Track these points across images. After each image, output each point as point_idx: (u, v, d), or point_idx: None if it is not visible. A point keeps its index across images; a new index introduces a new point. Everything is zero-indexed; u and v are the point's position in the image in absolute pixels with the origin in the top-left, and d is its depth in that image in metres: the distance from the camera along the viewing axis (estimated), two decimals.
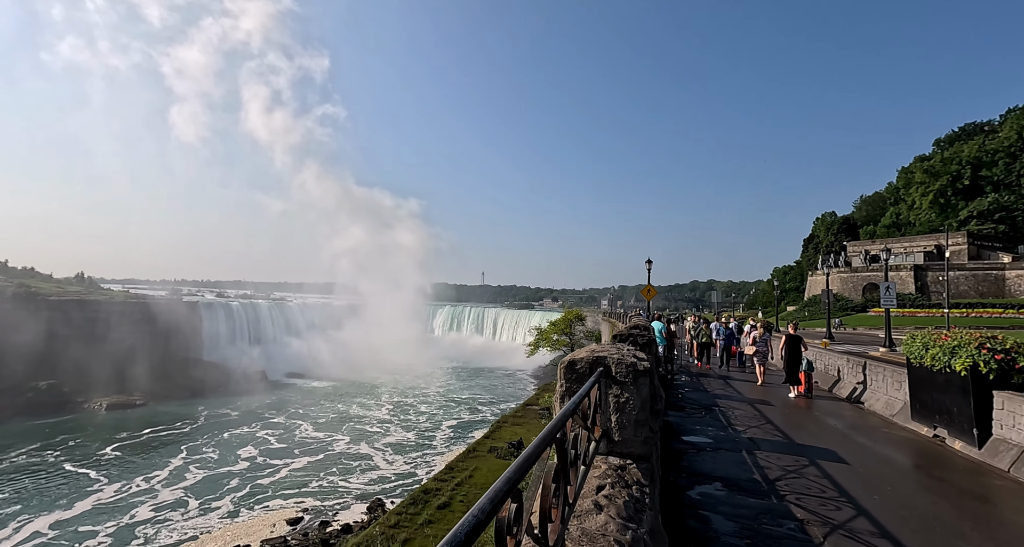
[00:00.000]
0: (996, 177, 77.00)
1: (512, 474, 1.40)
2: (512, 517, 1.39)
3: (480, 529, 1.08)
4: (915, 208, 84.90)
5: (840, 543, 4.22)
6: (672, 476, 5.86)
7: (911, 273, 70.77)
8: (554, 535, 1.95)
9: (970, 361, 7.32)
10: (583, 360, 3.96)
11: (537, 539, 1.72)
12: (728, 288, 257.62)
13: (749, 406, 10.50)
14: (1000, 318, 53.21)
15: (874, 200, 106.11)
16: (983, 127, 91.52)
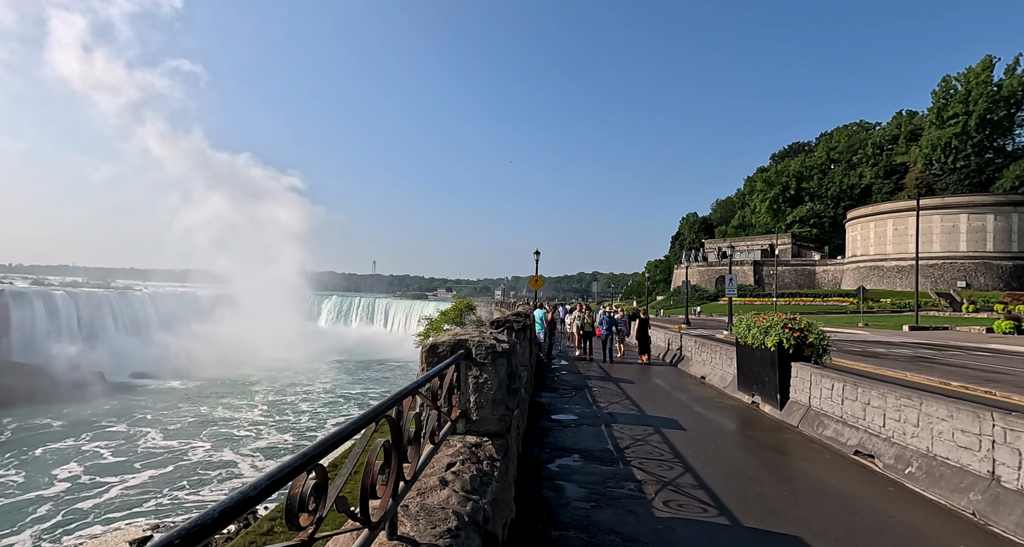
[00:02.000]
0: (812, 189, 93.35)
1: (311, 449, 1.38)
2: (307, 493, 1.38)
3: (246, 507, 1.03)
4: (756, 212, 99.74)
5: (667, 496, 4.88)
6: (536, 451, 6.25)
7: (751, 267, 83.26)
8: (380, 512, 1.97)
9: (777, 339, 8.88)
10: (445, 343, 4.02)
11: (353, 515, 1.72)
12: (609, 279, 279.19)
13: (614, 385, 11.57)
14: (811, 304, 65.12)
15: (727, 203, 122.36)
16: (804, 147, 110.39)
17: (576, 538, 3.97)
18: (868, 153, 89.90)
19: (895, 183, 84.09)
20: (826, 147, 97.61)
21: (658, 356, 18.67)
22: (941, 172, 76.12)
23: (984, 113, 69.94)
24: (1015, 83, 69.26)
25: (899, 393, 6.11)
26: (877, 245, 71.09)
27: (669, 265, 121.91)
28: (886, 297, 61.38)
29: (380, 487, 2.03)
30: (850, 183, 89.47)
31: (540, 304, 18.42)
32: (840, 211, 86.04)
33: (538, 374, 12.92)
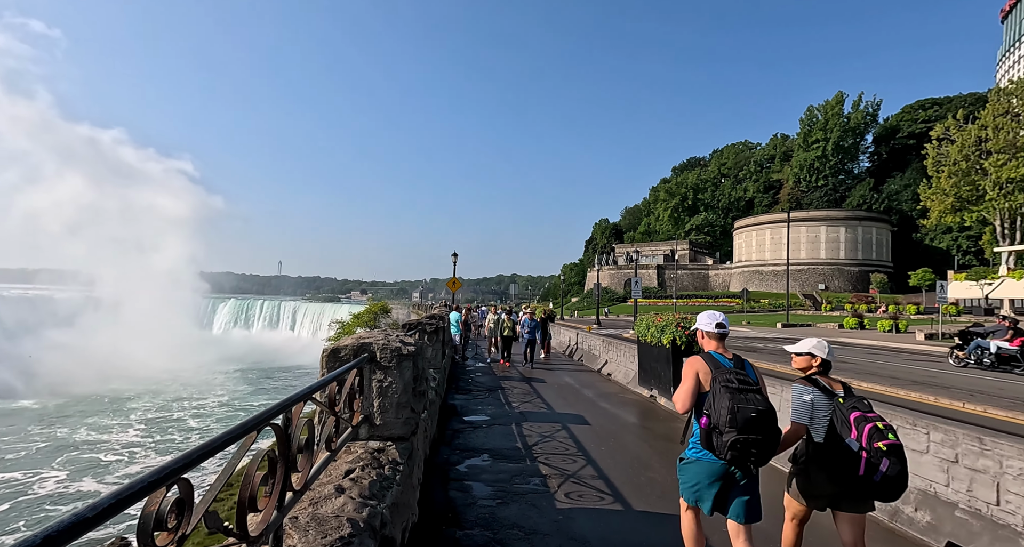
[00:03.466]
0: (707, 200, 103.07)
1: (171, 462, 1.29)
2: (167, 509, 1.28)
3: (80, 531, 0.93)
4: (660, 220, 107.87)
5: (569, 488, 5.13)
6: (446, 453, 6.24)
7: (655, 271, 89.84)
8: (261, 525, 1.87)
9: (671, 337, 9.71)
10: (347, 347, 3.89)
11: (227, 531, 1.62)
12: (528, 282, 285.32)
13: (527, 384, 11.88)
14: (705, 305, 71.70)
15: (635, 211, 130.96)
16: (700, 162, 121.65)
17: (480, 536, 4.04)
18: (751, 170, 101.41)
19: (772, 197, 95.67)
20: (718, 163, 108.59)
21: (567, 354, 19.52)
22: (807, 189, 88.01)
23: (838, 140, 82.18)
24: (859, 117, 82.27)
25: (768, 382, 6.97)
26: (758, 252, 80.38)
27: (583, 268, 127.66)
28: (765, 298, 69.56)
29: (262, 499, 1.93)
30: (737, 196, 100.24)
31: (456, 306, 18.30)
32: (729, 221, 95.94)
33: (452, 377, 12.87)
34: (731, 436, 2.75)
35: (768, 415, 2.79)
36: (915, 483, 4.47)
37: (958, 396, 10.29)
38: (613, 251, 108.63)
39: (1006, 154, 46.16)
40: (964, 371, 14.52)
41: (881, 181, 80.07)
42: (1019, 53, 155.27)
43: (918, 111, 79.77)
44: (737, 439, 2.73)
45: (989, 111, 48.67)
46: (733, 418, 2.76)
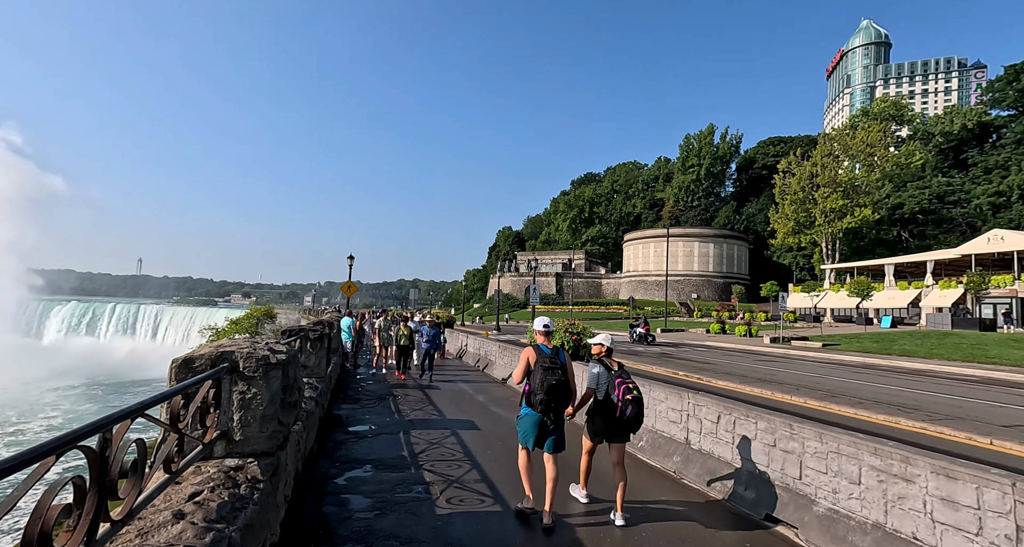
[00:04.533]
0: (601, 213, 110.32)
1: None
2: None
3: None
4: (559, 230, 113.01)
5: (452, 493, 5.14)
6: (325, 466, 5.90)
7: (554, 279, 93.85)
8: None
9: (560, 342, 10.25)
10: (204, 356, 3.52)
11: None
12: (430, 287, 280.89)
13: (419, 391, 11.67)
14: (597, 311, 76.59)
15: (537, 220, 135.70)
16: (596, 177, 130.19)
17: None
18: (639, 188, 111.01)
19: (656, 214, 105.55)
20: (611, 180, 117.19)
21: (458, 356, 19.61)
22: (685, 208, 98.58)
23: (709, 167, 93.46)
24: (726, 147, 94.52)
25: (638, 382, 7.66)
26: (643, 263, 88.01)
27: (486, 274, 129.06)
28: (649, 306, 76.26)
29: (64, 534, 1.68)
30: (627, 211, 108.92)
31: (349, 311, 17.38)
32: (620, 233, 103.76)
33: (340, 386, 12.21)
34: (541, 396, 4.42)
35: (563, 384, 4.50)
36: (745, 466, 5.23)
37: (787, 390, 12.21)
38: (515, 258, 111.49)
39: (829, 188, 56.20)
40: (795, 369, 17.27)
41: (742, 204, 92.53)
42: (839, 105, 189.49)
43: (769, 147, 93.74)
44: (544, 398, 4.42)
45: (818, 151, 58.94)
46: (542, 385, 4.43)
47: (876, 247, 63.66)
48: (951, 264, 40.76)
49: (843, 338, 28.71)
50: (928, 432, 8.06)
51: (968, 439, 7.56)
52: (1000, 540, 3.05)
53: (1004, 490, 3.07)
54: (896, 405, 10.37)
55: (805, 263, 71.98)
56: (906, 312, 41.29)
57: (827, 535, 4.06)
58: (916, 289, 39.68)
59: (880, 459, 3.90)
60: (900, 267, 43.95)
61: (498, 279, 47.01)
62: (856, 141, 57.26)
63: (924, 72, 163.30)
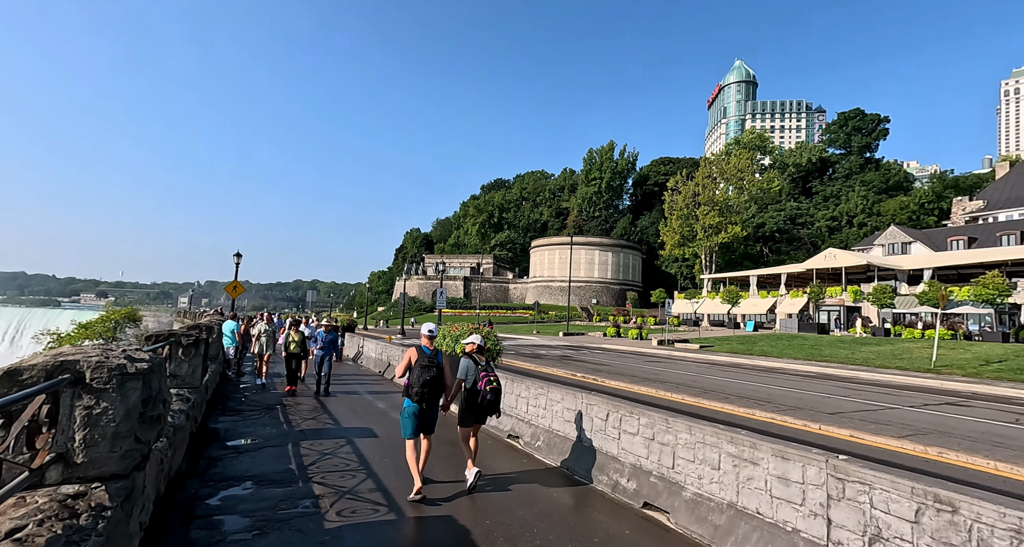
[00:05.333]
0: (510, 219, 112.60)
1: None
2: None
3: None
4: (468, 234, 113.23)
5: (343, 505, 4.92)
6: (195, 487, 5.30)
7: (462, 283, 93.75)
8: None
9: (463, 346, 10.27)
10: (37, 367, 3.01)
11: None
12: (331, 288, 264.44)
13: (312, 399, 10.97)
14: (504, 315, 77.91)
15: (446, 223, 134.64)
16: (505, 183, 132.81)
17: None
18: (546, 197, 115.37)
19: (562, 222, 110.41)
20: (520, 187, 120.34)
21: (354, 360, 18.80)
22: (587, 219, 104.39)
23: (609, 180, 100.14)
24: (624, 163, 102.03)
25: (537, 385, 7.96)
26: (549, 269, 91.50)
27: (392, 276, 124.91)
28: (553, 310, 79.38)
29: None
30: (535, 218, 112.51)
31: (233, 314, 15.69)
32: (528, 240, 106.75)
33: (219, 396, 11.04)
34: (417, 389, 5.38)
35: (437, 380, 5.49)
36: (629, 459, 5.69)
37: (669, 388, 13.47)
38: (423, 261, 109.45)
39: (708, 207, 63.26)
40: (677, 369, 19.06)
41: (637, 217, 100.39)
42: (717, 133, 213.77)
43: (660, 166, 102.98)
44: (420, 390, 5.38)
45: (700, 173, 66.13)
46: (419, 380, 5.39)
47: (744, 260, 72.93)
48: (799, 276, 48.02)
49: (716, 340, 32.37)
50: (776, 421, 9.42)
51: (804, 425, 8.97)
52: (816, 508, 3.68)
53: (820, 466, 3.71)
54: (754, 399, 11.96)
55: (688, 273, 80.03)
56: (766, 317, 47.74)
57: (693, 517, 4.57)
58: (773, 297, 46.09)
59: (735, 447, 4.49)
60: (762, 278, 50.72)
61: (404, 282, 45.83)
62: (730, 167, 65.24)
63: (782, 111, 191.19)
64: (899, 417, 10.03)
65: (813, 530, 3.68)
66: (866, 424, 9.12)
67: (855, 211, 68.96)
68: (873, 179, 71.74)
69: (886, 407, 11.31)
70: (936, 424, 9.40)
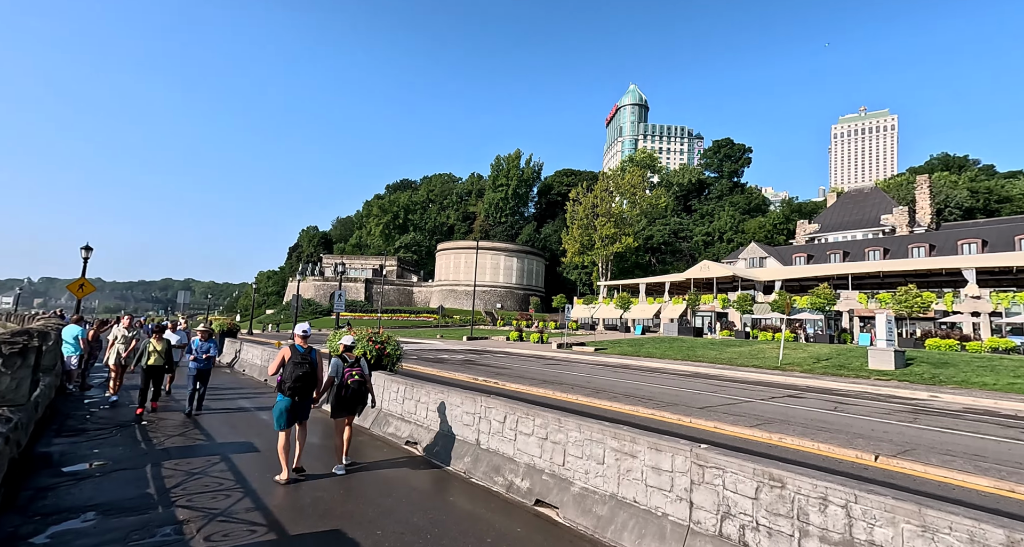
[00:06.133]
0: (416, 221, 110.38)
1: None
2: None
3: None
4: (371, 234, 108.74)
5: (214, 528, 4.44)
6: (16, 524, 4.42)
7: (363, 285, 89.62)
8: None
9: (363, 351, 9.84)
10: None
11: None
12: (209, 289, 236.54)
13: (179, 414, 9.73)
14: (407, 319, 75.97)
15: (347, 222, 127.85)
16: (412, 184, 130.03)
17: None
18: (453, 200, 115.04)
19: (468, 226, 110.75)
20: (427, 189, 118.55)
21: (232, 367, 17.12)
22: (494, 224, 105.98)
23: (516, 188, 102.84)
24: (530, 172, 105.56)
25: (438, 390, 7.89)
26: (455, 273, 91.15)
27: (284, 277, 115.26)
28: (458, 314, 79.12)
29: None
30: (441, 221, 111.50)
31: (79, 317, 13.21)
32: (434, 243, 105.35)
33: (55, 413, 9.33)
34: (289, 384, 5.91)
35: (309, 376, 6.02)
36: (524, 459, 5.89)
37: (566, 389, 14.17)
38: (320, 261, 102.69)
39: (605, 218, 67.83)
40: (573, 371, 20.09)
41: (541, 224, 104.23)
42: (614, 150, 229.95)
43: (563, 177, 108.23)
44: (292, 385, 5.90)
45: (598, 187, 70.73)
46: (292, 376, 5.92)
47: (635, 269, 79.28)
48: (680, 285, 53.40)
49: (610, 343, 34.73)
50: (655, 417, 10.37)
51: (678, 420, 10.00)
52: (682, 493, 4.15)
53: (686, 455, 4.19)
54: (638, 397, 13.05)
55: (587, 279, 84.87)
56: (652, 322, 52.30)
57: (579, 510, 4.87)
58: (659, 304, 50.67)
59: (618, 441, 4.88)
60: (650, 286, 55.52)
61: (298, 283, 42.51)
62: (624, 182, 70.66)
63: (669, 134, 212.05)
64: (752, 409, 11.61)
65: (679, 513, 4.13)
66: (727, 416, 10.42)
67: (725, 228, 78.57)
68: (739, 201, 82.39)
69: (743, 401, 13.03)
70: (779, 414, 11.05)
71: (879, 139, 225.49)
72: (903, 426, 10.08)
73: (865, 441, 8.34)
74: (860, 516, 3.08)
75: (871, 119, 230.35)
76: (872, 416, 11.19)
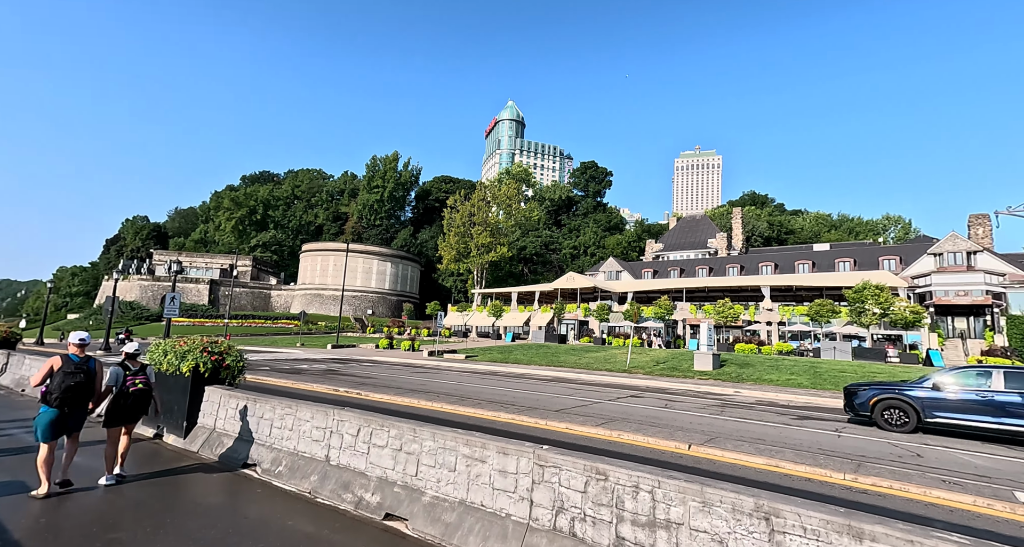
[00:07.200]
0: (278, 218, 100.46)
1: None
2: None
3: None
4: (221, 230, 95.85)
5: None
6: None
7: (208, 287, 78.38)
8: None
9: (194, 363, 8.60)
10: None
11: None
12: None
13: None
14: (263, 326, 68.47)
15: (189, 214, 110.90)
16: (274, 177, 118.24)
17: None
18: (323, 198, 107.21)
19: (339, 227, 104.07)
20: (292, 184, 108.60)
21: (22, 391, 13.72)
22: (368, 226, 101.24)
23: (392, 190, 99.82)
24: (408, 175, 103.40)
25: (285, 404, 7.25)
26: (321, 276, 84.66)
27: (98, 274, 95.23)
28: (323, 320, 73.46)
29: None
30: (308, 220, 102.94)
31: None
32: (298, 242, 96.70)
33: None
34: (58, 395, 5.66)
35: (82, 385, 5.82)
36: (376, 473, 5.71)
37: (432, 398, 14.08)
38: (151, 258, 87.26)
39: (482, 227, 69.42)
40: (442, 379, 20.05)
41: (418, 230, 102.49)
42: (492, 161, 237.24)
43: (442, 183, 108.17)
44: (60, 395, 5.66)
45: (476, 196, 72.23)
46: (60, 386, 5.67)
47: (509, 278, 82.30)
48: (549, 294, 56.87)
49: (481, 350, 35.40)
50: (515, 421, 10.87)
51: (535, 423, 10.62)
52: (524, 493, 4.43)
53: (529, 456, 4.49)
54: (501, 402, 13.53)
55: (463, 287, 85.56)
56: (522, 329, 54.71)
57: (429, 520, 4.88)
58: (529, 312, 53.26)
59: (470, 448, 5.01)
60: (522, 294, 58.08)
61: (116, 282, 35.37)
62: (501, 194, 73.25)
63: (543, 152, 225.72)
64: (600, 410, 12.85)
65: (520, 512, 4.40)
66: (578, 417, 11.37)
67: (589, 243, 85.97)
68: (601, 219, 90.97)
69: (594, 402, 14.34)
70: (621, 413, 12.40)
71: (709, 174, 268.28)
72: (712, 418, 12.06)
73: (684, 433, 9.79)
74: (661, 499, 3.63)
75: (703, 156, 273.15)
76: (691, 411, 13.19)
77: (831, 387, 18.72)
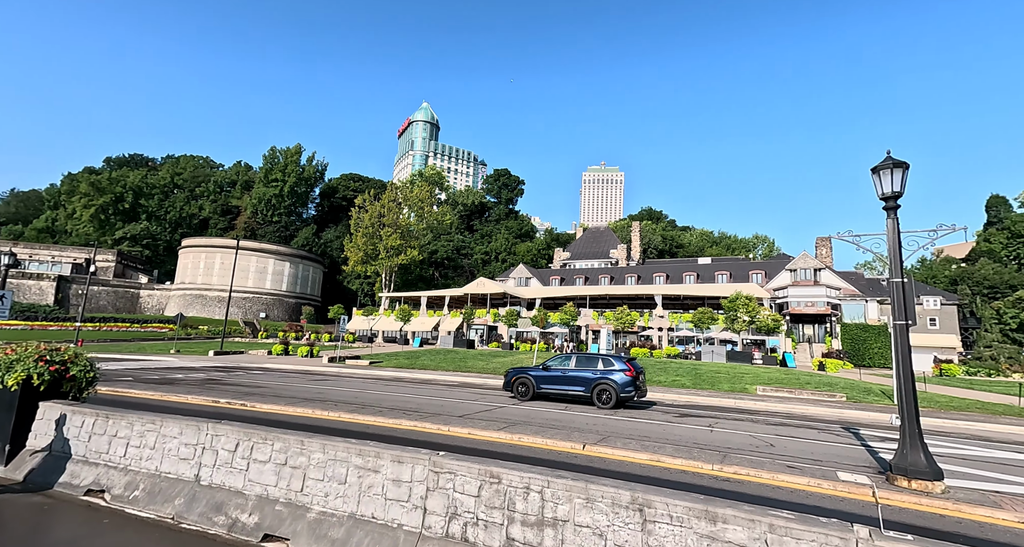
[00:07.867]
0: (151, 208, 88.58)
1: None
2: None
3: None
4: (76, 218, 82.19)
5: None
6: None
7: (55, 284, 66.55)
8: None
9: (25, 375, 7.21)
10: None
11: None
12: None
13: None
14: (128, 330, 59.66)
15: (29, 198, 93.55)
16: (149, 162, 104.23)
17: None
18: (210, 189, 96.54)
19: (229, 222, 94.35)
20: (172, 170, 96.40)
21: None
22: (263, 222, 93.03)
23: (294, 185, 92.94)
24: (311, 171, 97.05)
25: (147, 419, 6.36)
26: (205, 275, 75.91)
27: None
28: (206, 324, 65.79)
29: None
30: (191, 212, 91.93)
31: None
32: (177, 237, 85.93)
33: None
34: None
35: None
36: (255, 491, 5.22)
37: (329, 407, 13.25)
38: None
39: (391, 228, 67.30)
40: (343, 386, 18.99)
41: (322, 228, 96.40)
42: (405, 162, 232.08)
43: (350, 181, 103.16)
44: None
45: (386, 196, 69.93)
46: None
47: (419, 281, 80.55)
48: (459, 299, 56.60)
49: (387, 356, 34.13)
50: (417, 428, 10.62)
51: (438, 429, 10.47)
52: (418, 501, 4.33)
53: (424, 464, 4.41)
54: (404, 410, 13.15)
55: (369, 289, 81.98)
56: (431, 334, 53.77)
57: (313, 537, 4.57)
58: (439, 316, 52.52)
59: (363, 458, 4.79)
60: (431, 299, 57.11)
61: None
62: (413, 196, 71.67)
63: (456, 156, 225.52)
64: (504, 414, 13.03)
65: (413, 521, 4.29)
66: (481, 422, 11.42)
67: (501, 249, 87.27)
68: (513, 226, 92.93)
69: (498, 406, 14.50)
70: (524, 417, 12.69)
71: (612, 188, 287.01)
72: (606, 418, 12.82)
73: (580, 433, 10.28)
74: (550, 498, 3.77)
75: (608, 172, 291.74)
76: (589, 413, 13.90)
77: (708, 387, 20.87)
